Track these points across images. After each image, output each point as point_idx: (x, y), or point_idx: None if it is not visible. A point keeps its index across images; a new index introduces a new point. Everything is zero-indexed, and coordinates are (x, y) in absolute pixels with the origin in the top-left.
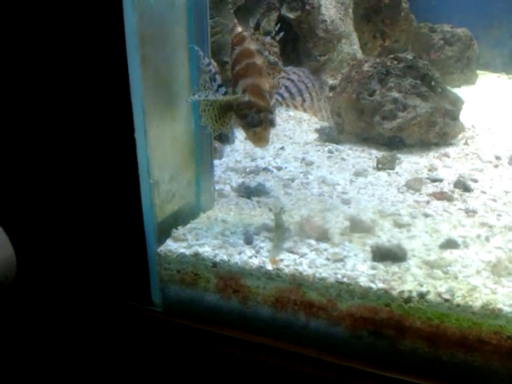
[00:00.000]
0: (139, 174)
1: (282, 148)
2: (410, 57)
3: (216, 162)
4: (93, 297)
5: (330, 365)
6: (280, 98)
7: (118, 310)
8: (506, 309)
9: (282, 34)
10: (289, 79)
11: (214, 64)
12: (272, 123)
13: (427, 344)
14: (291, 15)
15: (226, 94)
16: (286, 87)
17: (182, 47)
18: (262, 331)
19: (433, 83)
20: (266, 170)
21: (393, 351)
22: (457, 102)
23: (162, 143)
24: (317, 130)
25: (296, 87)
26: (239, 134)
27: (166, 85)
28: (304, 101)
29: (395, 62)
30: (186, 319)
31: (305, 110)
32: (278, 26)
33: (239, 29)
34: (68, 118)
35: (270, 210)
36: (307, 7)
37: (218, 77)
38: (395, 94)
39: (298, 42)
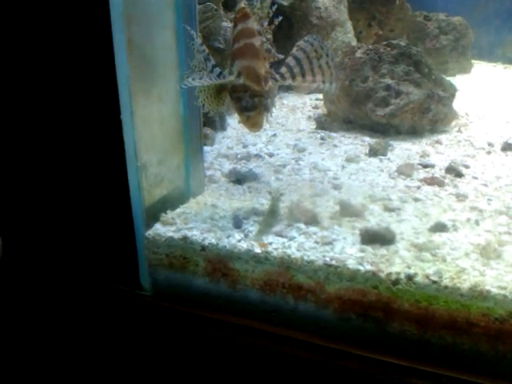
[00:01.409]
0: (126, 156)
1: (275, 135)
2: (402, 43)
3: (207, 148)
4: (81, 281)
5: (319, 347)
6: (279, 77)
7: (107, 294)
8: (494, 290)
9: (280, 17)
10: (302, 49)
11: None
12: (266, 108)
13: (416, 326)
14: (285, 2)
15: (220, 73)
16: (289, 66)
17: (169, 29)
18: (252, 314)
19: (426, 70)
20: (257, 156)
21: (381, 333)
22: (450, 89)
23: (149, 125)
24: (310, 118)
25: (299, 65)
26: (231, 121)
27: (153, 66)
28: (304, 75)
29: (388, 49)
30: (175, 303)
31: (308, 86)
32: (274, 8)
33: (243, 3)
34: (53, 100)
35: (270, 193)
36: None
37: (211, 57)
38: (388, 81)
39: (292, 29)
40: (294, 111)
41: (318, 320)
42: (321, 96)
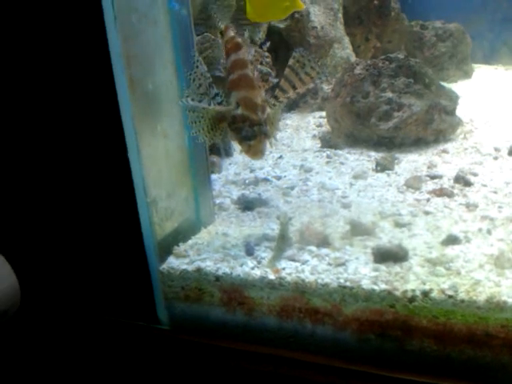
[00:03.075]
0: (136, 193)
1: (281, 157)
2: (401, 56)
3: (215, 176)
4: (99, 319)
5: (340, 370)
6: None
7: (125, 330)
8: (511, 301)
9: (268, 43)
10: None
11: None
12: (266, 135)
13: (435, 342)
14: (281, 25)
15: (221, 103)
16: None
17: (169, 64)
18: (270, 342)
19: (426, 80)
20: (265, 180)
21: (401, 352)
22: (452, 97)
23: (155, 161)
24: (314, 137)
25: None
26: (237, 147)
27: (156, 103)
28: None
29: (387, 63)
30: (193, 335)
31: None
32: (261, 34)
33: (231, 32)
34: (62, 144)
35: (278, 218)
36: (296, 15)
37: (214, 85)
38: (389, 95)
39: (290, 51)
40: (298, 131)
41: (336, 343)
42: (324, 114)
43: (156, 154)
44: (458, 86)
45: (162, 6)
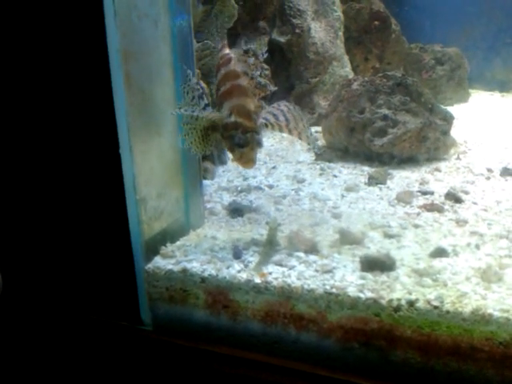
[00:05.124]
0: (125, 189)
1: (274, 167)
2: (398, 74)
3: (208, 182)
4: (81, 317)
5: (322, 378)
6: (264, 121)
7: (107, 329)
8: (497, 314)
9: (266, 54)
10: (276, 108)
11: (204, 85)
12: (259, 143)
13: (419, 353)
14: (282, 39)
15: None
16: (272, 113)
17: (166, 65)
18: (254, 347)
19: (422, 99)
20: (257, 188)
21: (385, 362)
22: (447, 118)
23: (148, 159)
24: (309, 150)
25: (281, 112)
26: (231, 155)
27: (151, 102)
28: (288, 122)
29: (384, 80)
30: (176, 337)
31: (290, 132)
32: (261, 43)
33: (227, 50)
34: (53, 136)
35: (267, 223)
36: (297, 30)
37: (205, 97)
38: (385, 111)
39: (290, 65)
40: (294, 144)
41: (320, 350)
42: (319, 128)
43: (148, 152)
44: (454, 109)
45: (163, 7)
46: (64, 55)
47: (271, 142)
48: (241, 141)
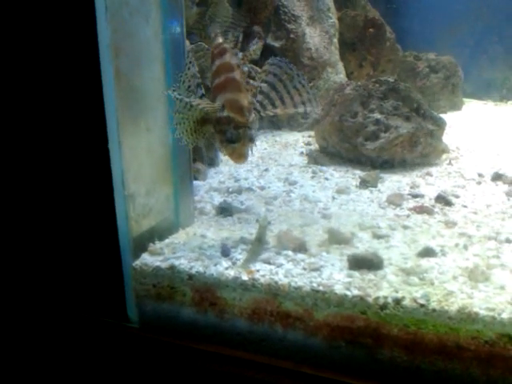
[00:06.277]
0: (114, 185)
1: (267, 170)
2: (391, 80)
3: (199, 182)
4: (67, 314)
5: (309, 377)
6: (259, 106)
7: (93, 327)
8: (483, 312)
9: (256, 45)
10: (272, 73)
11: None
12: (251, 139)
13: (405, 352)
14: (276, 44)
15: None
16: (264, 93)
17: (157, 62)
18: (240, 345)
19: (415, 105)
20: (248, 189)
21: (371, 361)
22: (440, 123)
23: (137, 155)
24: (302, 154)
25: (274, 90)
26: (223, 157)
27: (141, 97)
28: (284, 103)
29: (377, 85)
30: (162, 335)
31: (287, 109)
32: (255, 48)
33: (220, 39)
34: (42, 130)
35: (257, 221)
36: (292, 36)
37: (202, 87)
38: (377, 116)
39: None
40: (287, 147)
41: (307, 348)
42: (313, 133)
43: (138, 148)
44: (447, 117)
45: (154, 4)
46: (54, 50)
47: (264, 145)
48: (233, 136)
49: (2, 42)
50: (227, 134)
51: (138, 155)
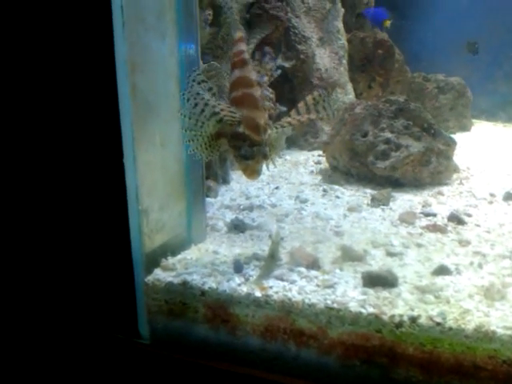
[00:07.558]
0: (128, 200)
1: (277, 188)
2: (401, 99)
3: (211, 200)
4: (78, 329)
5: None
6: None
7: (104, 343)
8: (500, 331)
9: (279, 71)
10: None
11: None
12: (265, 156)
13: (421, 371)
14: (287, 64)
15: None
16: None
17: (172, 77)
18: (252, 363)
19: (425, 124)
20: (260, 207)
21: (386, 380)
22: (450, 143)
23: (151, 170)
24: (312, 172)
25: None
26: (235, 176)
27: (156, 113)
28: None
29: (387, 105)
30: (174, 352)
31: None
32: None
33: (243, 46)
34: (58, 143)
35: (270, 237)
36: (302, 56)
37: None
38: (388, 135)
39: (294, 90)
40: (297, 166)
41: (320, 367)
42: (323, 152)
43: (152, 163)
44: (456, 137)
45: (171, 21)
46: (72, 64)
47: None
48: (247, 153)
49: (22, 58)
50: (242, 150)
51: (153, 170)
